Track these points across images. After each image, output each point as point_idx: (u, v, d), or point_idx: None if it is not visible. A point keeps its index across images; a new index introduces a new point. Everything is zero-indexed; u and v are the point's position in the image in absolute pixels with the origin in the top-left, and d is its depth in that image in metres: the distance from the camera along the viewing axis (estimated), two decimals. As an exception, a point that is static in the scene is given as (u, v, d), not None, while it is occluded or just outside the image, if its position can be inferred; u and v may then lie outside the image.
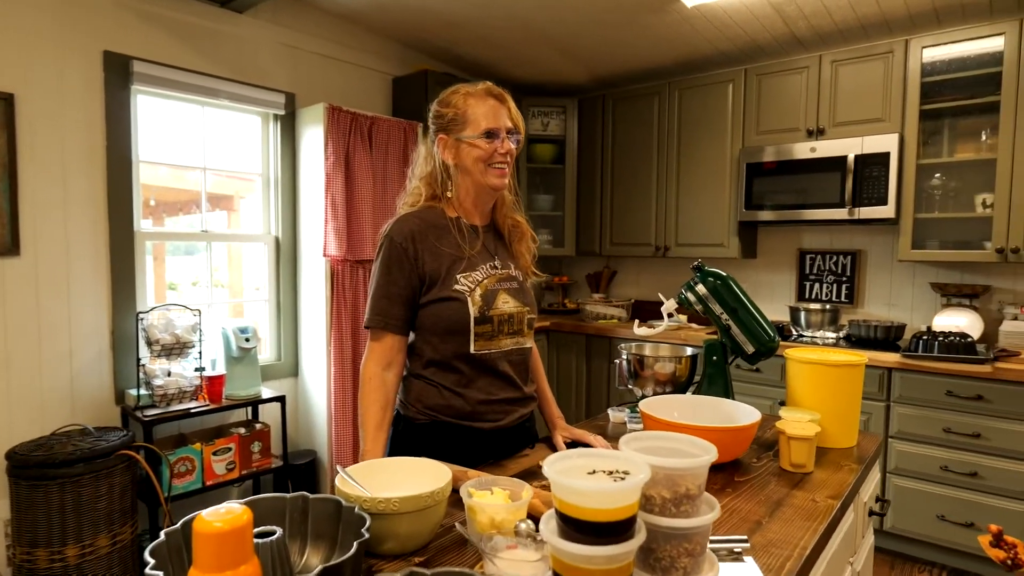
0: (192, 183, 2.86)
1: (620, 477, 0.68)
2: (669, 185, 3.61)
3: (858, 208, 2.90)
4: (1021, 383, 2.38)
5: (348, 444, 2.97)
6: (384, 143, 3.13)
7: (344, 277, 2.98)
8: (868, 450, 1.46)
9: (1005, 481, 2.43)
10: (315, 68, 3.16)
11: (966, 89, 2.74)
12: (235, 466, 2.61)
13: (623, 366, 1.69)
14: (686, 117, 3.52)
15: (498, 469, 1.28)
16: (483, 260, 1.34)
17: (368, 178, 3.03)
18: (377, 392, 1.24)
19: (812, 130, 3.08)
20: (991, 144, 2.76)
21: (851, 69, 2.96)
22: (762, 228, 3.57)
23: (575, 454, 0.74)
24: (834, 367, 1.44)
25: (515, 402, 1.34)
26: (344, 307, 2.98)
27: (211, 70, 2.76)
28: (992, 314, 2.89)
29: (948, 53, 2.74)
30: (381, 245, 1.30)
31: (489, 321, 1.28)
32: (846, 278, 3.30)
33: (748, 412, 1.36)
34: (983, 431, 2.46)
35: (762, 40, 3.18)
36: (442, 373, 1.29)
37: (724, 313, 1.59)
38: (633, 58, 3.50)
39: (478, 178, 1.31)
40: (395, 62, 3.52)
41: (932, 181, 2.90)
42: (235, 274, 3.09)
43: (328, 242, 2.92)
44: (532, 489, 0.98)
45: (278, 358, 3.12)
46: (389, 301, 1.26)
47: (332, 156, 2.90)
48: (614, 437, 1.53)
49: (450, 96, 1.32)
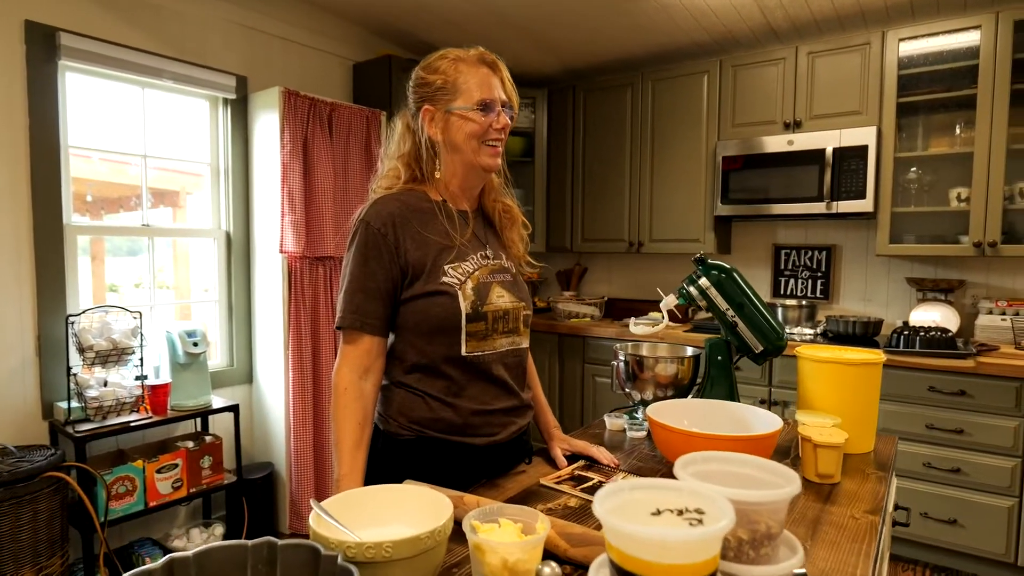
0: (133, 177, 2.58)
1: (695, 519, 0.53)
2: (643, 179, 3.50)
3: (837, 202, 2.85)
4: (1003, 377, 2.36)
5: (308, 455, 2.75)
6: (345, 131, 2.92)
7: (303, 275, 2.76)
8: (887, 454, 1.36)
9: (988, 477, 2.41)
10: (269, 50, 2.92)
11: (942, 82, 2.72)
12: (182, 484, 2.36)
13: (620, 368, 1.55)
14: (660, 110, 3.42)
15: (494, 491, 1.12)
16: (473, 249, 1.18)
17: (328, 168, 2.81)
18: (353, 405, 1.05)
19: (789, 123, 3.02)
20: (965, 138, 2.75)
21: (828, 61, 2.91)
22: (736, 223, 3.51)
23: (627, 486, 0.58)
24: (853, 366, 1.33)
25: (512, 412, 1.18)
26: (303, 307, 2.75)
27: (152, 47, 2.49)
28: (966, 308, 2.89)
29: (925, 46, 2.72)
30: (355, 232, 1.12)
31: (483, 318, 1.12)
32: (821, 273, 3.26)
33: (766, 418, 1.24)
34: (966, 427, 2.43)
35: (738, 31, 3.11)
36: (428, 380, 1.12)
37: (730, 309, 1.46)
38: (606, 48, 3.38)
39: (469, 157, 1.14)
40: (356, 47, 3.30)
41: (908, 175, 2.87)
42: (181, 274, 2.82)
43: (285, 237, 2.69)
44: (547, 520, 0.82)
45: (230, 364, 2.87)
46: (366, 296, 1.08)
47: (289, 144, 2.68)
48: (613, 446, 1.39)
49: (437, 61, 1.15)
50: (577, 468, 1.21)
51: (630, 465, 1.26)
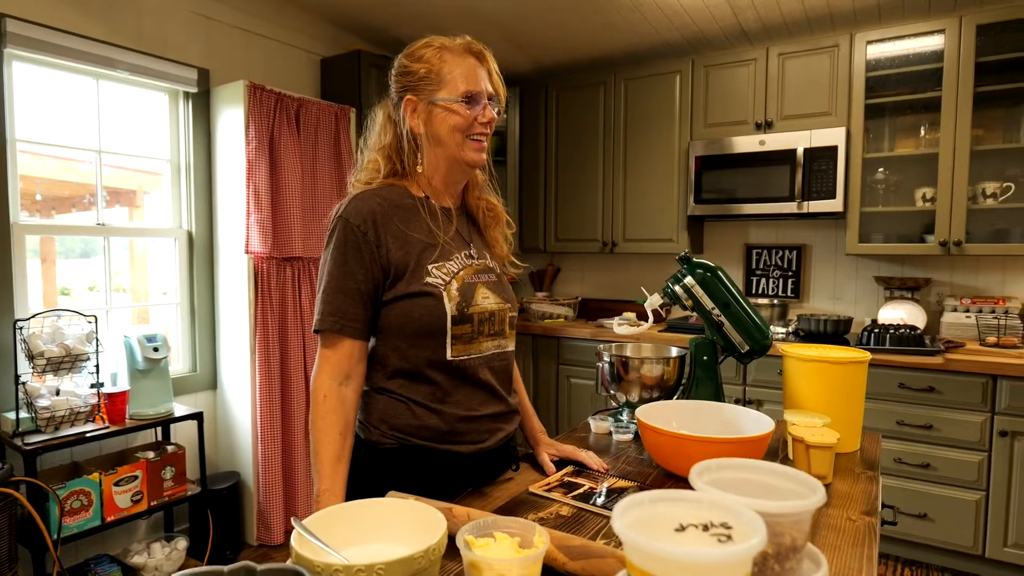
0: (87, 175, 2.45)
1: (724, 535, 0.49)
2: (616, 179, 3.49)
3: (807, 202, 2.89)
4: (971, 373, 2.41)
5: (276, 463, 2.65)
6: (313, 128, 2.82)
7: (269, 276, 2.66)
8: (873, 453, 1.36)
9: (956, 471, 2.46)
10: (233, 42, 2.81)
11: (908, 84, 2.77)
12: (142, 497, 2.24)
13: (605, 369, 1.51)
14: (633, 109, 3.42)
15: (481, 500, 1.07)
16: (457, 248, 1.12)
17: (296, 166, 2.72)
18: (334, 414, 0.99)
19: (761, 123, 3.04)
20: (930, 139, 2.81)
21: (798, 63, 2.94)
22: (709, 222, 3.53)
23: (645, 498, 0.54)
24: (840, 365, 1.32)
25: (499, 418, 1.13)
26: (270, 310, 2.65)
27: (107, 37, 2.37)
28: (932, 306, 2.96)
29: (891, 49, 2.77)
30: (333, 229, 1.05)
31: (468, 320, 1.07)
32: (792, 272, 3.30)
33: (756, 419, 1.22)
34: (935, 422, 2.48)
35: (710, 32, 3.12)
36: (412, 386, 1.06)
37: (716, 308, 1.44)
38: (579, 46, 3.36)
39: (452, 151, 1.09)
40: (324, 41, 3.20)
41: (876, 175, 2.93)
42: (139, 276, 2.69)
43: (251, 237, 2.59)
44: (545, 532, 0.78)
45: (193, 369, 2.75)
46: (346, 298, 1.02)
47: (255, 140, 2.57)
48: (599, 449, 1.35)
49: (422, 49, 1.09)
50: (566, 474, 1.17)
51: (619, 470, 1.22)
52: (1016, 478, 2.37)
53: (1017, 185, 2.64)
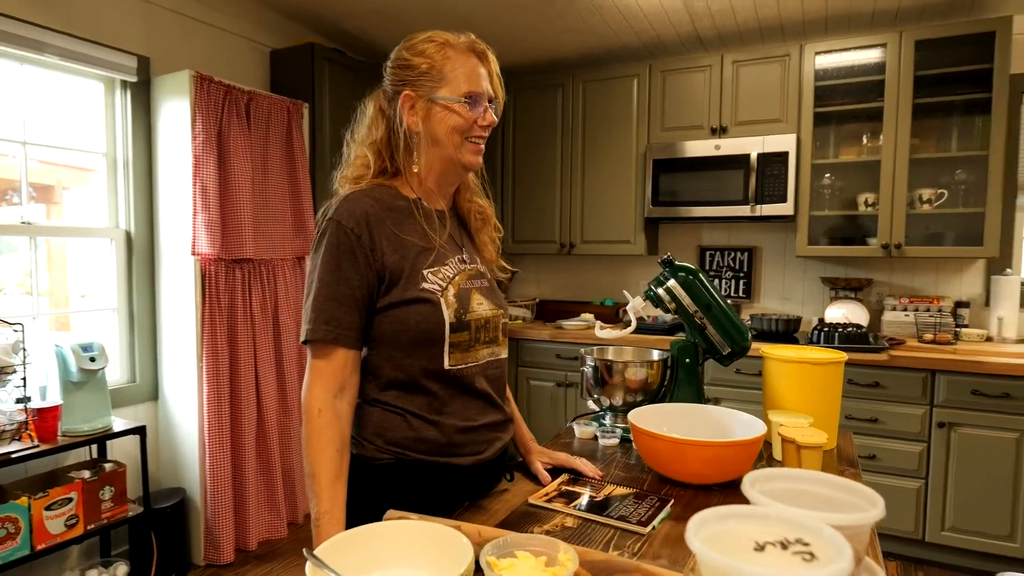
0: (8, 168, 2.23)
1: (806, 554, 0.47)
2: (574, 181, 3.50)
3: (760, 205, 2.98)
4: (911, 369, 2.54)
5: (226, 476, 2.50)
6: (264, 123, 2.69)
7: (218, 279, 2.50)
8: (849, 450, 1.40)
9: (899, 461, 2.59)
10: (175, 30, 2.63)
11: (853, 94, 2.90)
12: (78, 520, 2.06)
13: (588, 373, 1.49)
14: (591, 111, 3.43)
15: (481, 515, 1.02)
16: (451, 252, 1.08)
17: (247, 162, 2.58)
18: (330, 429, 0.92)
19: (716, 128, 3.12)
20: (871, 147, 2.96)
21: (751, 70, 3.03)
22: (663, 224, 3.59)
23: (712, 515, 0.51)
24: (819, 365, 1.35)
25: (496, 427, 1.09)
26: (219, 314, 2.50)
27: (33, 17, 2.17)
28: (873, 305, 3.11)
29: (838, 60, 2.89)
30: (323, 232, 0.98)
31: (466, 328, 1.02)
32: (743, 273, 3.40)
33: (747, 422, 1.23)
34: (880, 416, 2.61)
35: (667, 37, 3.18)
36: (407, 397, 1.00)
37: (699, 311, 1.45)
38: (539, 47, 3.35)
39: (450, 152, 1.04)
40: (274, 33, 3.06)
41: (823, 180, 3.05)
42: (58, 279, 2.48)
43: (198, 238, 2.43)
44: (571, 549, 0.74)
45: (131, 379, 2.56)
46: (340, 305, 0.95)
47: (202, 135, 2.42)
48: (585, 455, 1.32)
49: (423, 43, 1.03)
50: (563, 483, 1.14)
51: (613, 476, 1.20)
52: (952, 466, 2.51)
53: (949, 192, 2.81)
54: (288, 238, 2.81)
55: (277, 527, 2.72)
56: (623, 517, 0.99)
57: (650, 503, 1.05)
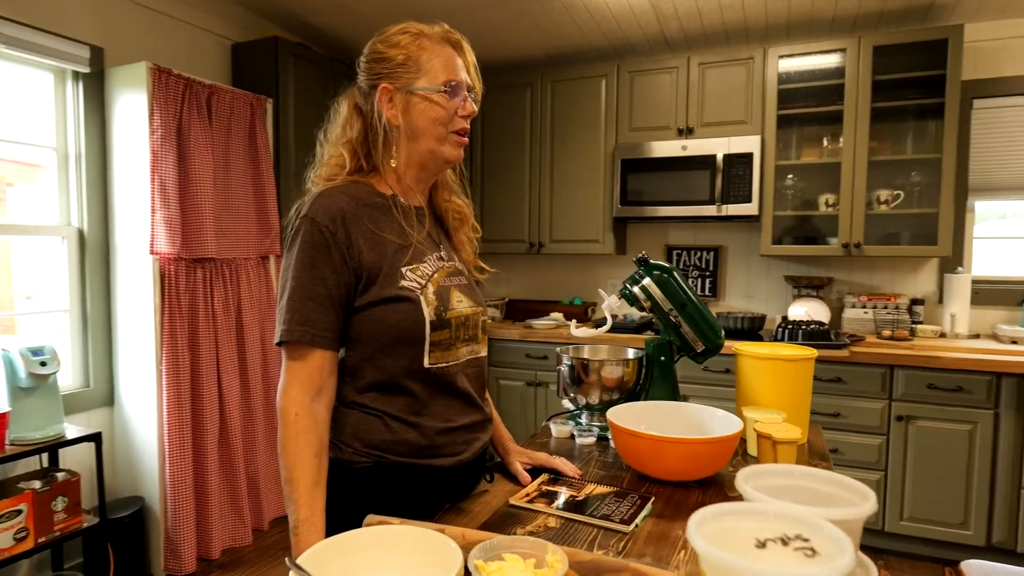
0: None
1: (808, 550, 0.47)
2: (543, 180, 3.50)
3: (726, 205, 3.03)
4: (872, 364, 2.62)
5: (187, 484, 2.41)
6: (227, 118, 2.61)
7: (178, 279, 2.42)
8: (820, 444, 1.43)
9: (860, 454, 2.66)
10: (131, 20, 2.53)
11: (814, 98, 2.98)
12: (28, 534, 1.96)
13: (565, 372, 1.49)
14: (559, 111, 3.44)
15: (463, 517, 1.01)
16: (429, 249, 1.06)
17: (208, 158, 2.49)
18: (308, 433, 0.89)
19: (683, 129, 3.16)
20: (831, 149, 3.04)
21: (717, 72, 3.08)
22: (631, 224, 3.62)
23: (710, 513, 0.51)
24: (791, 361, 1.38)
25: (476, 427, 1.07)
26: (179, 316, 2.41)
27: (-22, 3, 2.05)
28: (834, 303, 3.20)
29: (800, 64, 2.96)
30: (296, 230, 0.95)
31: (446, 326, 1.00)
32: (709, 272, 3.45)
33: (723, 419, 1.24)
34: (841, 410, 2.68)
35: (635, 38, 3.20)
36: (387, 398, 0.98)
37: (673, 309, 1.46)
38: (507, 45, 3.34)
39: (431, 145, 1.02)
40: (236, 26, 2.97)
41: (786, 181, 3.12)
42: (4, 279, 2.35)
43: (157, 236, 2.34)
44: (560, 550, 0.73)
45: (86, 384, 2.45)
46: (316, 304, 0.92)
47: (160, 129, 2.33)
48: (563, 454, 1.32)
49: (397, 35, 1.01)
50: (543, 483, 1.13)
51: (592, 475, 1.20)
52: (910, 458, 2.60)
53: (905, 193, 2.91)
54: (252, 237, 2.73)
55: (241, 534, 2.64)
56: (606, 516, 0.98)
57: (631, 501, 1.05)
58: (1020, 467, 2.45)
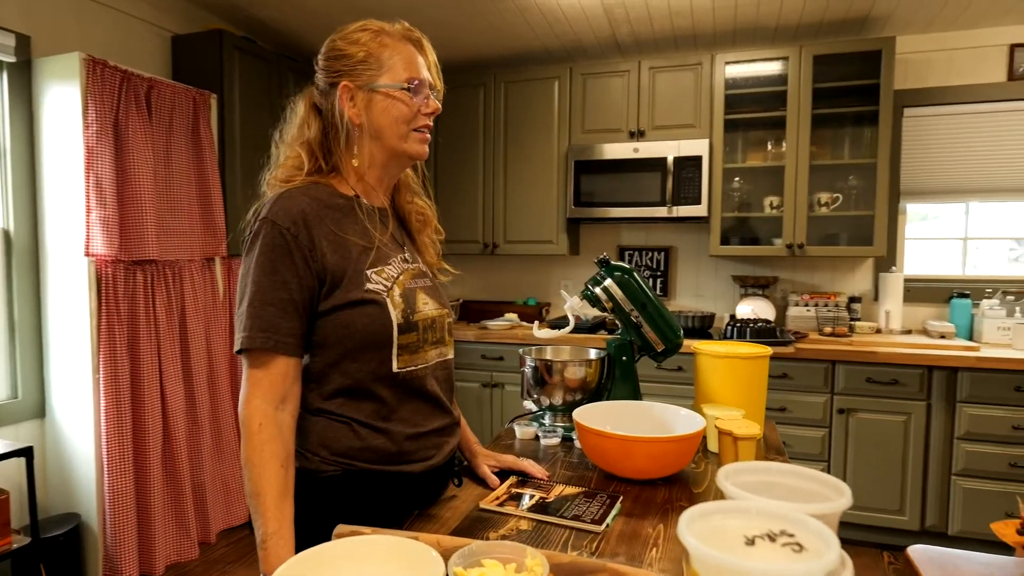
0: None
1: (795, 546, 0.48)
2: (496, 181, 3.50)
3: (677, 207, 3.10)
4: (816, 360, 2.74)
5: (128, 498, 2.29)
6: (168, 113, 2.49)
7: (116, 282, 2.29)
8: (775, 439, 1.47)
9: (805, 446, 2.78)
10: (61, 7, 2.39)
11: (759, 103, 3.09)
12: (-49, 557, 1.82)
13: (528, 374, 1.49)
14: (513, 112, 3.44)
15: (433, 524, 0.99)
16: (394, 251, 1.03)
17: (148, 155, 2.38)
18: (273, 443, 0.85)
19: (634, 132, 3.22)
20: (775, 153, 3.16)
21: (667, 77, 3.15)
22: (584, 225, 3.66)
23: (697, 512, 0.51)
24: (747, 359, 1.42)
25: (446, 431, 1.06)
26: (118, 321, 2.29)
27: None
28: (778, 301, 3.32)
29: (746, 70, 3.06)
30: (256, 233, 0.91)
31: (414, 328, 0.98)
32: (660, 272, 3.53)
33: (686, 417, 1.26)
34: (788, 404, 2.79)
35: (587, 42, 3.24)
36: (354, 404, 0.95)
37: (635, 310, 1.48)
38: (460, 45, 3.32)
39: (394, 143, 1.00)
40: (176, 16, 2.84)
41: (733, 184, 3.22)
42: (-65, 282, 2.18)
43: (93, 237, 2.22)
44: (539, 554, 0.73)
45: (13, 395, 2.29)
46: (278, 310, 0.88)
47: (95, 124, 2.21)
48: (527, 455, 1.31)
49: (357, 32, 0.99)
50: (512, 486, 1.12)
51: (560, 476, 1.20)
52: (851, 449, 2.73)
53: (844, 196, 3.05)
54: (196, 237, 2.62)
55: (187, 549, 2.53)
56: (577, 517, 0.99)
57: (600, 501, 1.05)
58: (950, 455, 2.60)
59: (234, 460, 2.79)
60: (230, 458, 2.77)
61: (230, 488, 2.78)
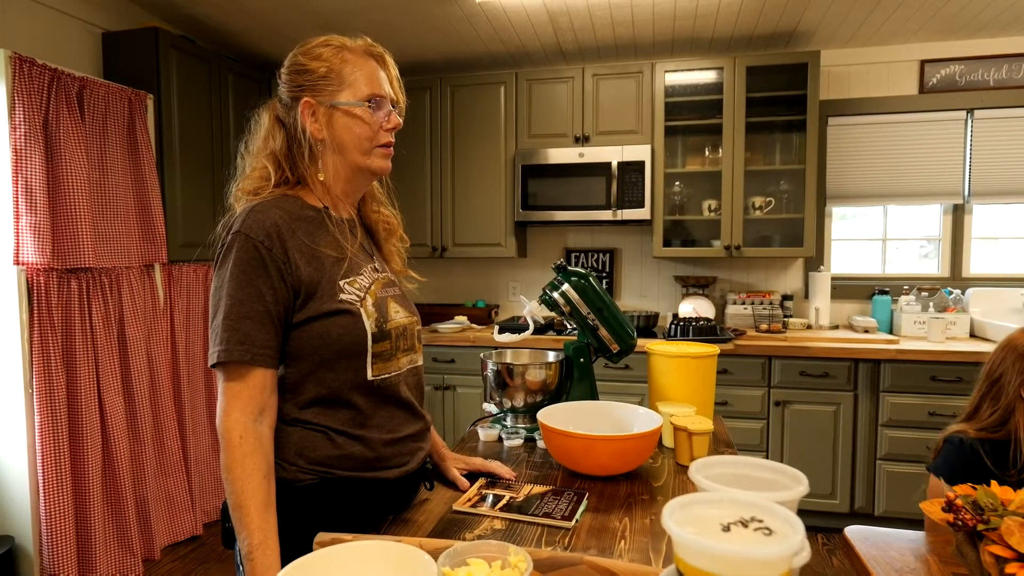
0: None
1: (766, 530, 0.54)
2: (444, 184, 3.52)
3: (621, 210, 3.21)
4: (753, 355, 2.89)
5: (67, 518, 2.18)
6: (102, 114, 2.39)
7: (49, 292, 2.18)
8: (723, 432, 1.57)
9: (745, 438, 2.93)
10: (-19, 0, 2.25)
11: (697, 111, 3.23)
12: None
13: (490, 377, 1.52)
14: (460, 116, 3.47)
15: (409, 528, 1.01)
16: (364, 261, 1.05)
17: (81, 158, 2.27)
18: (255, 455, 0.85)
19: (579, 137, 3.30)
20: (712, 159, 3.32)
21: (610, 84, 3.25)
22: (531, 228, 3.72)
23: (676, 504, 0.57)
24: (697, 358, 1.50)
25: (418, 437, 1.08)
26: (51, 333, 2.18)
27: None
28: (718, 300, 3.48)
29: (684, 79, 3.20)
30: (228, 246, 0.91)
31: (387, 337, 1.00)
32: (606, 273, 3.63)
33: (643, 415, 1.33)
34: (729, 399, 2.93)
35: (532, 48, 3.30)
36: (329, 413, 0.96)
37: (591, 313, 1.54)
38: (405, 48, 3.32)
39: (356, 159, 1.01)
40: (107, 12, 2.72)
41: (674, 188, 3.36)
42: None
43: (22, 244, 2.10)
44: (522, 551, 0.77)
45: (-67, 415, 2.14)
46: (254, 323, 0.89)
47: (23, 125, 2.10)
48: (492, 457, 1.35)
49: (319, 48, 1.00)
50: (482, 487, 1.16)
51: (526, 475, 1.24)
52: (787, 439, 2.90)
53: (776, 200, 3.24)
54: (134, 243, 2.52)
55: (130, 566, 2.43)
56: (547, 514, 1.03)
57: (568, 498, 1.10)
58: (875, 441, 2.81)
59: (178, 473, 2.69)
60: (174, 471, 2.68)
61: (174, 502, 2.68)
